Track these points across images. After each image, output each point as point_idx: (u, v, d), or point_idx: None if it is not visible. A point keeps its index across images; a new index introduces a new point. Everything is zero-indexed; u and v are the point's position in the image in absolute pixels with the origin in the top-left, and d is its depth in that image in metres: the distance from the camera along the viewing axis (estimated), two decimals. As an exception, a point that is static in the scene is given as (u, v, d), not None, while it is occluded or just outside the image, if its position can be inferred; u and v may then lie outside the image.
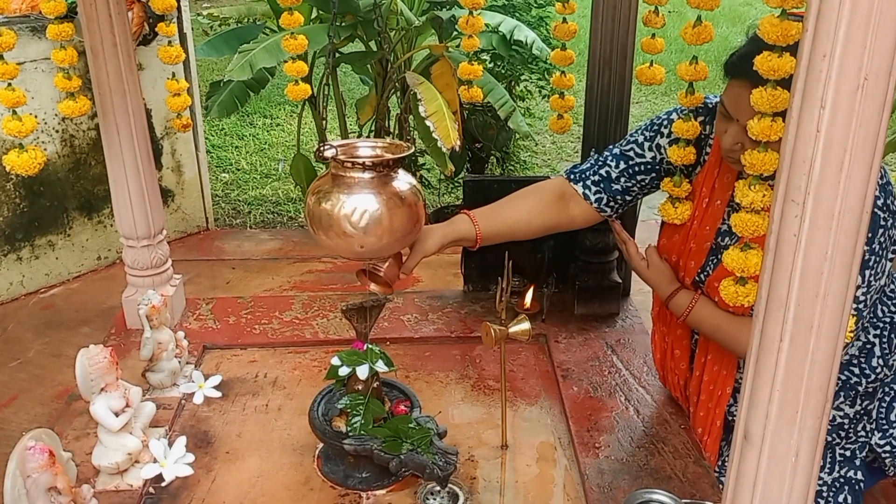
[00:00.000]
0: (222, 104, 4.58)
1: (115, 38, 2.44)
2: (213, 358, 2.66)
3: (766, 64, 1.53)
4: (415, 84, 4.03)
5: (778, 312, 1.10)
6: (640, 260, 2.35)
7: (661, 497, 1.90)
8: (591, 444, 2.21)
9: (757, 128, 1.58)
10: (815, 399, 1.12)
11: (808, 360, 1.10)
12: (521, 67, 5.59)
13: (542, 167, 6.99)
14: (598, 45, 2.61)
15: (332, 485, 2.10)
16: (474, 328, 2.78)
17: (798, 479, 1.17)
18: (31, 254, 3.66)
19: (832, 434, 2.22)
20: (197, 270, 3.65)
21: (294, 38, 2.44)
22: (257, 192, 6.28)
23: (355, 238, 2.03)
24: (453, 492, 2.06)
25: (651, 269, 2.33)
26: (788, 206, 1.05)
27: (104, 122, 2.55)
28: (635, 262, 2.36)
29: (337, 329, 2.78)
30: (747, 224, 1.63)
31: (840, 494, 2.25)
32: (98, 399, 2.01)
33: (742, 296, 1.69)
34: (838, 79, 0.98)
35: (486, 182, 3.01)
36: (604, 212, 2.44)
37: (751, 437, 1.17)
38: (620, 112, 2.68)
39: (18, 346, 3.10)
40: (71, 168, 3.78)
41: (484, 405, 2.43)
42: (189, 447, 2.17)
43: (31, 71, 3.32)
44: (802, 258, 1.05)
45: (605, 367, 2.56)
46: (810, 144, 1.01)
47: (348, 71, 6.97)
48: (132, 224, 2.68)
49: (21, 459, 1.74)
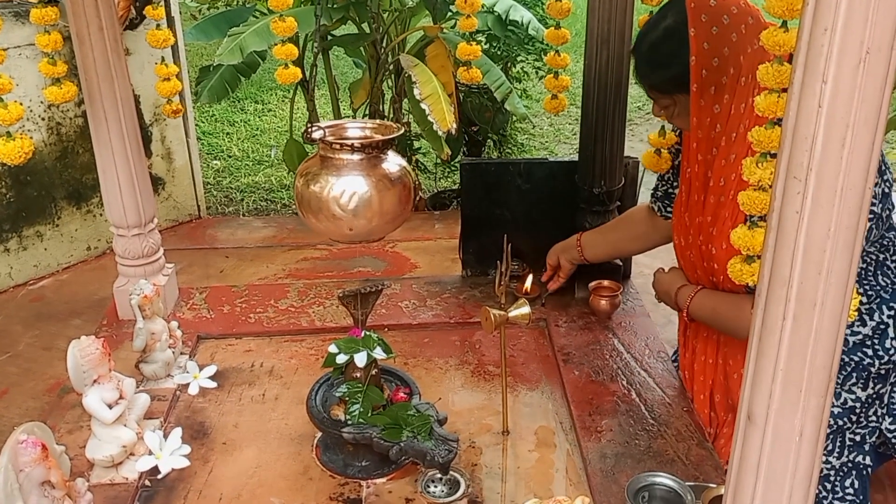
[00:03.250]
0: (212, 89, 4.55)
1: (101, 21, 2.40)
2: (208, 348, 2.63)
3: (773, 39, 1.50)
4: (409, 66, 4.00)
5: (781, 290, 1.08)
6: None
7: (664, 480, 1.88)
8: (592, 428, 2.19)
9: (763, 104, 1.56)
10: (818, 378, 1.10)
11: (812, 339, 1.08)
12: (518, 48, 5.57)
13: (540, 149, 6.97)
14: (596, 24, 2.57)
15: (332, 474, 2.08)
16: (473, 313, 2.76)
17: (802, 460, 1.15)
18: (18, 245, 3.64)
19: (843, 418, 2.19)
20: (189, 259, 3.63)
21: (283, 20, 2.41)
22: (249, 179, 6.26)
23: (344, 220, 2.02)
24: (454, 479, 2.04)
25: (657, 279, 2.44)
26: (790, 182, 1.04)
27: (91, 109, 2.51)
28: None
29: (333, 316, 2.76)
30: (755, 202, 1.61)
31: (847, 479, 2.22)
32: (91, 391, 1.99)
33: (748, 274, 1.68)
34: (840, 53, 0.96)
35: (484, 165, 2.99)
36: (668, 217, 2.50)
37: (754, 417, 1.16)
38: (619, 92, 2.64)
39: (8, 339, 3.09)
40: (58, 156, 3.75)
41: (484, 391, 2.41)
42: (185, 439, 2.14)
43: (14, 57, 3.30)
44: (805, 235, 1.04)
45: (606, 350, 2.53)
46: (812, 120, 1.00)
47: (341, 54, 6.95)
48: (122, 212, 2.64)
49: (13, 453, 1.71)
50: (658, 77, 2.13)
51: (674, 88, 2.10)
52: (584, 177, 2.76)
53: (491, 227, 2.89)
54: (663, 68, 2.10)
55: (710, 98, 2.05)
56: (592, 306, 2.68)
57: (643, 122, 7.19)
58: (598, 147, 2.69)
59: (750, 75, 2.00)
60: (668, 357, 2.49)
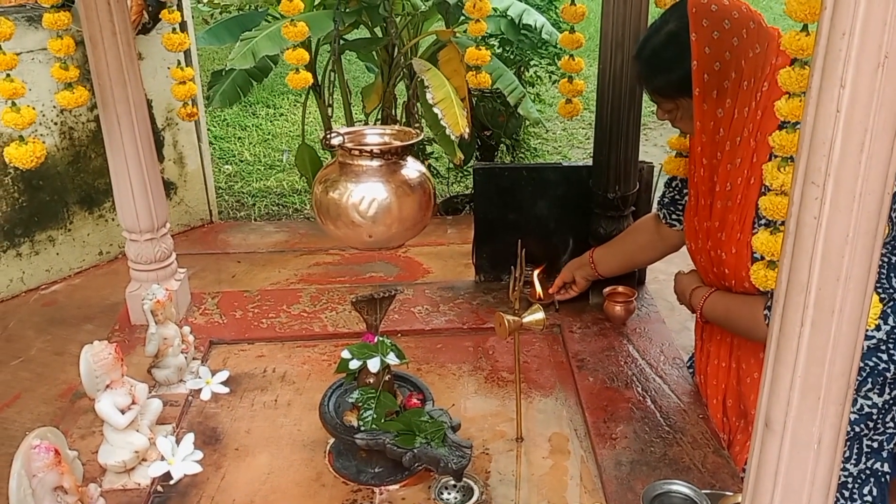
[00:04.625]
0: (224, 94, 4.55)
1: (114, 26, 2.40)
2: (220, 353, 2.63)
3: (794, 43, 1.50)
4: (422, 71, 3.99)
5: (799, 297, 1.07)
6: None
7: (680, 488, 1.87)
8: (607, 435, 2.17)
9: (786, 108, 1.55)
10: (837, 385, 1.09)
11: (830, 345, 1.07)
12: (531, 52, 5.56)
13: (553, 154, 6.96)
14: (610, 28, 2.56)
15: (345, 480, 2.07)
16: (487, 319, 2.75)
17: (821, 468, 1.14)
18: (30, 249, 3.64)
19: (860, 424, 2.17)
20: (202, 264, 3.63)
21: (294, 24, 2.41)
22: (261, 183, 6.27)
23: (364, 227, 2.02)
24: (468, 486, 2.03)
25: (676, 281, 2.47)
26: (808, 188, 1.03)
27: (104, 114, 2.51)
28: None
29: (346, 322, 2.75)
30: (777, 206, 1.60)
31: (865, 486, 2.20)
32: (103, 396, 1.98)
33: (772, 280, 1.67)
34: (858, 57, 0.95)
35: (497, 170, 2.97)
36: (673, 225, 2.52)
37: (772, 424, 1.15)
38: (633, 96, 2.62)
39: (20, 344, 3.08)
40: (70, 161, 3.76)
41: (498, 397, 2.40)
42: (197, 444, 2.14)
43: (27, 62, 3.30)
44: (823, 241, 1.03)
45: (621, 356, 2.52)
46: (830, 125, 0.99)
47: (353, 58, 6.95)
48: (135, 217, 2.64)
49: (26, 459, 1.71)
50: (660, 81, 2.14)
51: (676, 93, 2.11)
52: (599, 182, 2.74)
53: (504, 232, 2.88)
54: (665, 73, 2.12)
55: (713, 102, 2.05)
56: (607, 312, 2.67)
57: (657, 126, 7.16)
58: (612, 152, 2.68)
59: (752, 79, 2.01)
60: (684, 363, 2.48)
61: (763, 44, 2.01)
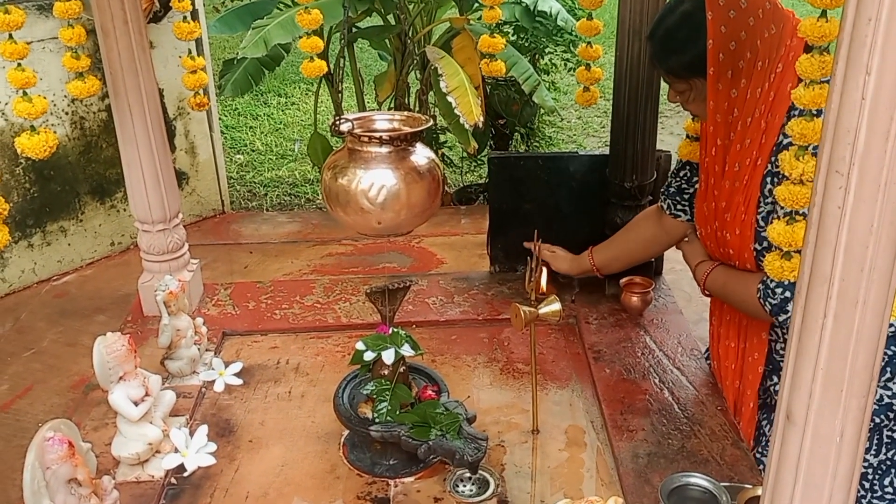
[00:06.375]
0: (236, 83, 4.54)
1: (125, 15, 2.39)
2: (233, 344, 2.62)
3: (816, 30, 1.47)
4: (435, 59, 3.97)
5: (821, 288, 1.05)
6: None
7: (698, 481, 1.85)
8: (624, 427, 2.16)
9: (806, 97, 1.52)
10: (860, 378, 1.08)
11: (853, 338, 1.05)
12: (546, 40, 5.53)
13: (568, 142, 6.93)
14: (628, 14, 2.53)
15: (359, 472, 2.06)
16: (502, 310, 2.73)
17: (843, 461, 1.13)
18: (42, 240, 3.64)
19: (880, 415, 2.15)
20: (214, 255, 3.62)
21: (308, 12, 2.39)
22: (273, 173, 6.26)
23: (373, 214, 2.01)
24: (483, 478, 2.02)
25: (685, 243, 2.44)
26: (832, 177, 1.01)
27: (116, 103, 2.50)
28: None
29: (360, 313, 2.73)
30: (795, 196, 1.58)
31: (886, 478, 2.19)
32: (116, 388, 1.98)
33: (788, 270, 1.65)
34: (884, 43, 0.93)
35: (511, 159, 2.96)
36: (678, 216, 2.48)
37: (793, 417, 1.13)
38: (651, 85, 2.60)
39: (32, 335, 3.08)
40: (82, 151, 3.75)
41: (513, 389, 2.38)
42: (211, 436, 2.14)
43: (38, 51, 3.29)
44: (847, 231, 1.01)
45: (637, 348, 2.50)
46: (855, 113, 0.97)
47: (365, 46, 6.92)
48: (147, 208, 2.63)
49: (40, 451, 1.70)
50: (675, 61, 2.13)
51: (690, 73, 2.10)
52: (616, 171, 2.72)
53: (519, 223, 2.86)
54: (679, 53, 2.11)
55: (728, 82, 2.05)
56: (624, 303, 2.65)
57: (674, 114, 7.12)
58: (629, 140, 2.65)
59: (767, 60, 2.00)
60: (701, 354, 2.46)
61: (778, 25, 1.99)
